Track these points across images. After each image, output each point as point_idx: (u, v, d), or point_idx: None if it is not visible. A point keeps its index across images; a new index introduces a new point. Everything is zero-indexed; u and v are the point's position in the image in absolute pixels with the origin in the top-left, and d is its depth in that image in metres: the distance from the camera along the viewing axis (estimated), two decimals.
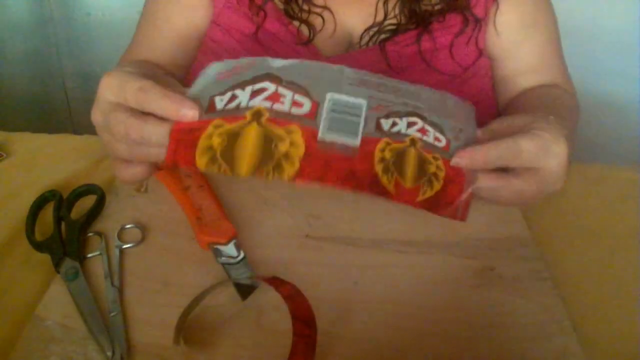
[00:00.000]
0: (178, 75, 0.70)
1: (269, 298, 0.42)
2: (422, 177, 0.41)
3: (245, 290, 0.43)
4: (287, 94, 0.40)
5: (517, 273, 0.47)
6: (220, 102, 0.41)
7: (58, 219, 0.49)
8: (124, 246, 0.48)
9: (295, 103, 0.40)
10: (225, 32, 0.64)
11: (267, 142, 0.39)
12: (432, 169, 0.41)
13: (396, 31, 0.63)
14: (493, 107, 0.71)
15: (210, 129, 0.40)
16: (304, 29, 0.63)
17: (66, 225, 0.49)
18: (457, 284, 0.46)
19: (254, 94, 0.40)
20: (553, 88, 0.67)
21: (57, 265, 0.45)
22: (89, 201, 0.52)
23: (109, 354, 0.38)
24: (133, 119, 0.40)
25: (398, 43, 0.63)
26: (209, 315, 0.42)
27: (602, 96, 1.15)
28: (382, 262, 0.48)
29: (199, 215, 0.48)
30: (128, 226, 0.50)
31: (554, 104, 0.61)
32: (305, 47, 0.63)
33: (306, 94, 0.40)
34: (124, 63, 0.70)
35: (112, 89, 0.41)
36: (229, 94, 0.41)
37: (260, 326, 0.41)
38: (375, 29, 0.63)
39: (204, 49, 0.67)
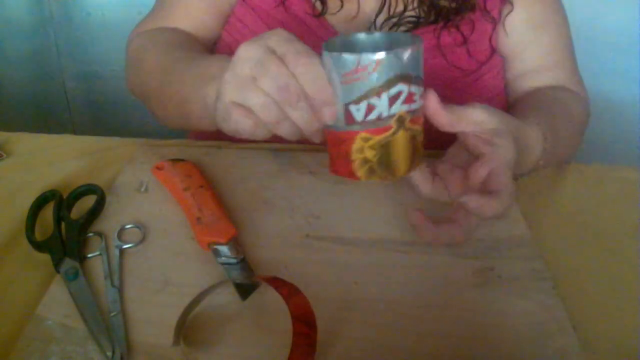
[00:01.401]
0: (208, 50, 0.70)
1: (269, 298, 0.42)
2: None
3: (245, 290, 0.43)
4: (417, 91, 0.40)
5: (517, 273, 0.47)
6: (358, 113, 0.40)
7: (58, 219, 0.49)
8: (124, 246, 0.48)
9: (421, 97, 0.41)
10: (252, 11, 0.65)
11: (414, 140, 0.42)
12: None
13: (416, 24, 0.64)
14: (504, 105, 0.71)
15: (358, 142, 0.40)
16: (320, 6, 0.64)
17: (66, 225, 0.49)
18: (457, 284, 0.46)
19: (392, 100, 0.39)
20: (557, 90, 0.67)
21: (57, 265, 0.45)
22: (89, 201, 0.52)
23: (109, 354, 0.38)
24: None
25: None
26: (209, 315, 0.42)
27: (602, 96, 1.15)
28: (382, 262, 0.48)
29: (199, 216, 0.48)
30: (128, 226, 0.50)
31: (551, 108, 0.61)
32: (328, 32, 0.64)
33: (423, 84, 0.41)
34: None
35: (285, 35, 0.40)
36: (364, 104, 0.39)
37: (260, 326, 0.41)
38: (395, 19, 0.64)
39: (229, 29, 0.67)
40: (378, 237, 0.50)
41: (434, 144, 0.48)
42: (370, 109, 0.39)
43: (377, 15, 0.64)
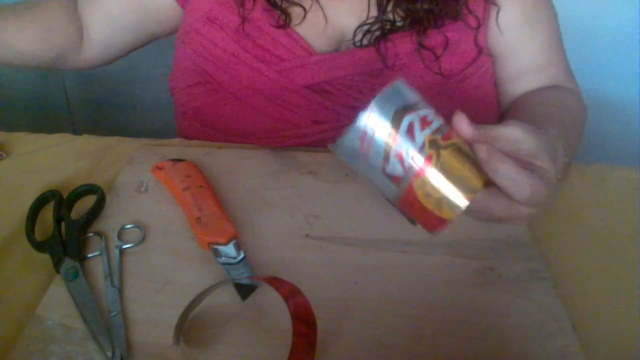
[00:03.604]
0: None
1: (269, 298, 0.42)
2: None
3: (245, 290, 0.43)
4: (428, 113, 0.38)
5: (517, 273, 0.47)
6: (396, 168, 0.38)
7: (58, 219, 0.49)
8: (124, 246, 0.48)
9: (437, 115, 0.39)
10: (221, 30, 0.65)
11: (462, 151, 0.39)
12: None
13: (392, 29, 0.63)
14: (494, 104, 0.70)
15: (419, 189, 0.38)
16: (291, 19, 0.63)
17: (66, 225, 0.49)
18: (457, 284, 0.46)
19: (410, 134, 0.37)
20: (560, 92, 0.67)
21: (57, 265, 0.45)
22: (89, 201, 0.52)
23: (109, 354, 0.38)
24: None
25: (393, 41, 0.63)
26: (209, 315, 0.42)
27: (602, 96, 1.15)
28: (382, 262, 0.48)
29: (199, 216, 0.48)
30: (128, 226, 0.50)
31: (563, 117, 0.60)
32: (297, 45, 0.63)
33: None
34: None
35: None
36: (392, 157, 0.38)
37: (260, 326, 0.41)
38: (368, 26, 0.63)
39: (195, 47, 0.67)
40: (378, 237, 0.50)
41: None
42: (400, 156, 0.38)
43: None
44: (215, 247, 0.46)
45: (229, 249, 0.46)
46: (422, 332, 0.41)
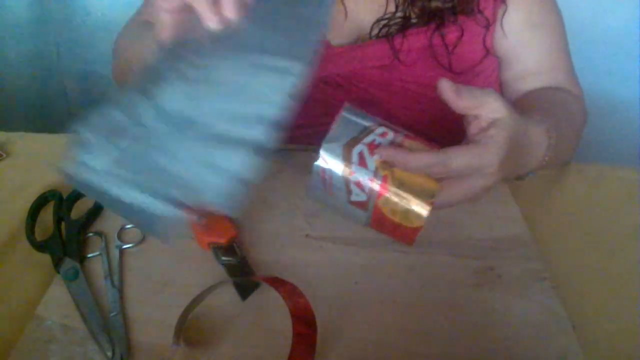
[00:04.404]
0: None
1: (269, 298, 0.42)
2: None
3: (245, 290, 0.43)
4: (375, 136, 0.42)
5: (517, 273, 0.47)
6: (359, 196, 0.42)
7: (58, 219, 0.49)
8: (124, 246, 0.48)
9: (383, 134, 0.43)
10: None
11: None
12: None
13: (406, 26, 0.64)
14: None
15: (385, 208, 0.42)
16: None
17: (66, 225, 0.49)
18: (457, 284, 0.46)
19: (361, 163, 0.41)
20: (558, 91, 0.67)
21: (57, 265, 0.45)
22: (89, 201, 0.52)
23: (109, 354, 0.38)
24: None
25: (407, 37, 0.63)
26: (209, 315, 0.42)
27: (602, 96, 1.15)
28: (382, 262, 0.48)
29: None
30: (128, 226, 0.50)
31: (554, 109, 0.61)
32: None
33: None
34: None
35: None
36: (353, 187, 0.42)
37: (260, 326, 0.41)
38: (385, 21, 0.64)
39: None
40: (378, 237, 0.50)
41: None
42: (359, 184, 0.42)
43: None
44: (215, 247, 0.46)
45: (229, 249, 0.46)
46: (422, 332, 0.41)
